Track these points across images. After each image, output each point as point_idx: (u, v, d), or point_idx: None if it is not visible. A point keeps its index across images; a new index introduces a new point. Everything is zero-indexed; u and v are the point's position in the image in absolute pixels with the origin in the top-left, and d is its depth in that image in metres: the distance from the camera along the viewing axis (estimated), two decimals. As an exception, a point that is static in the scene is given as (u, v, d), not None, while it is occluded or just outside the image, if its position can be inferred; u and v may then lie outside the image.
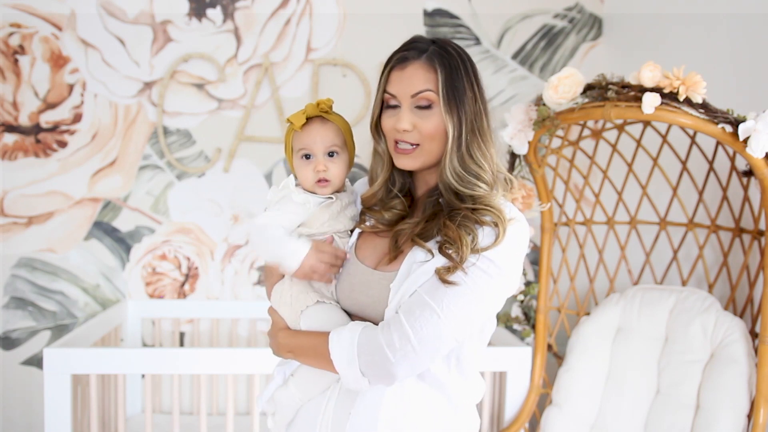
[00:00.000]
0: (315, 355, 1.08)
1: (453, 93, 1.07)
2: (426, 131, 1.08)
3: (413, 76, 1.08)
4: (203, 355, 1.84)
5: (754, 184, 1.73)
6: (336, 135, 1.17)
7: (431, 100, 1.08)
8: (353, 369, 1.02)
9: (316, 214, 1.17)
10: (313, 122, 1.17)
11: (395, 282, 1.07)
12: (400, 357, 1.00)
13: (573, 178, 2.41)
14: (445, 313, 1.00)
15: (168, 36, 2.44)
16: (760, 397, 1.59)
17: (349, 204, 1.22)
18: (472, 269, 1.02)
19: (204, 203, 2.51)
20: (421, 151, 1.10)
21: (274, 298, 1.20)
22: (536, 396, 2.02)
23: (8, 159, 2.41)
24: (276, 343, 1.16)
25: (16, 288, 2.44)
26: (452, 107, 1.07)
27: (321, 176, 1.15)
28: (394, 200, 1.19)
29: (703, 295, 1.82)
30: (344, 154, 1.19)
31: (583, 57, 2.58)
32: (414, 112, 1.09)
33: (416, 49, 1.10)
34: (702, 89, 1.55)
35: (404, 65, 1.10)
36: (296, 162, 1.18)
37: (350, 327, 1.05)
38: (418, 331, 1.00)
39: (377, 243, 1.17)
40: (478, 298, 1.03)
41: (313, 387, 1.14)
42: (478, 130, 1.09)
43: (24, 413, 2.46)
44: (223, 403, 2.53)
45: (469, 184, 1.08)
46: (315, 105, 1.17)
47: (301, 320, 1.13)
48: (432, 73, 1.07)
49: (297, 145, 1.18)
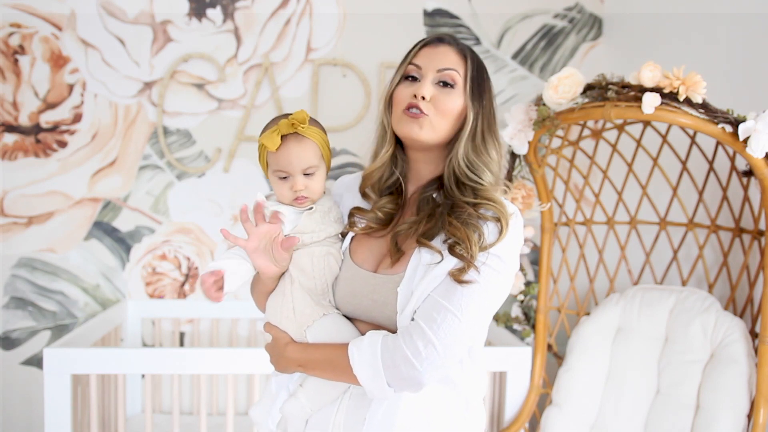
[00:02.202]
0: (332, 368, 1.07)
1: (478, 84, 1.13)
2: (442, 107, 1.10)
3: (445, 54, 1.12)
4: (203, 355, 1.83)
5: (754, 184, 1.73)
6: (313, 154, 1.12)
7: (455, 81, 1.11)
8: (379, 381, 1.01)
9: (302, 227, 1.13)
10: (288, 141, 1.10)
11: (403, 285, 1.06)
12: (427, 365, 1.00)
13: (573, 178, 2.41)
14: (464, 316, 1.01)
15: (168, 36, 2.44)
16: (760, 397, 1.59)
17: (330, 208, 1.19)
18: (483, 268, 1.03)
19: (204, 203, 2.51)
20: (429, 121, 1.10)
21: (272, 313, 1.16)
22: (536, 396, 2.02)
23: (8, 159, 2.41)
24: (284, 358, 1.13)
25: (16, 288, 2.44)
26: (475, 96, 1.12)
27: (299, 195, 1.13)
28: (384, 199, 1.18)
29: (703, 295, 1.82)
30: (322, 168, 1.15)
31: (583, 57, 2.58)
32: (435, 87, 1.11)
33: (451, 37, 1.16)
34: (702, 89, 1.55)
35: (438, 44, 1.14)
36: (272, 179, 1.14)
37: (369, 339, 1.04)
38: (442, 337, 1.00)
39: (372, 245, 1.15)
40: (491, 296, 1.05)
41: (325, 397, 1.12)
42: (493, 128, 1.14)
43: (24, 413, 2.46)
44: (223, 403, 2.53)
45: (477, 171, 1.11)
46: (288, 124, 1.09)
47: (308, 334, 1.10)
48: (462, 60, 1.13)
49: (273, 165, 1.12)
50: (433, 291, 1.03)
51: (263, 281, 1.17)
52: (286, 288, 1.14)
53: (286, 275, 1.15)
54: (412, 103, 1.10)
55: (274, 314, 1.15)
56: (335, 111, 2.49)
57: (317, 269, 1.13)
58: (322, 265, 1.14)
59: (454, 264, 1.03)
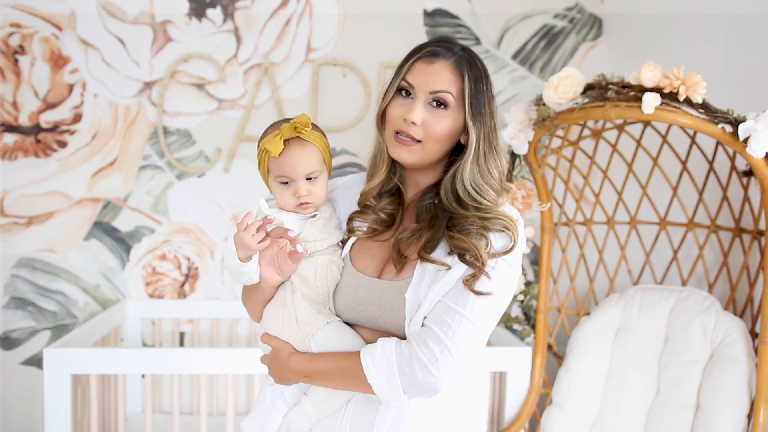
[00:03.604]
0: (342, 377, 1.05)
1: (477, 103, 1.07)
2: (433, 131, 1.06)
3: (439, 73, 1.06)
4: (203, 355, 1.83)
5: (754, 184, 1.73)
6: (316, 158, 1.10)
7: (449, 102, 1.06)
8: (395, 389, 1.01)
9: (305, 236, 1.12)
10: (290, 146, 1.08)
11: (410, 290, 1.05)
12: (443, 370, 1.00)
13: (573, 178, 2.41)
14: (477, 320, 1.01)
15: (168, 36, 2.44)
16: (760, 397, 1.60)
17: (331, 215, 1.18)
18: (493, 273, 1.03)
19: (204, 203, 2.51)
20: (422, 148, 1.08)
21: (272, 323, 1.13)
22: (536, 396, 2.02)
23: (8, 159, 2.41)
24: (287, 369, 1.10)
25: (16, 288, 2.44)
26: (476, 115, 1.06)
27: (302, 201, 1.11)
28: (385, 200, 1.17)
29: (703, 295, 1.82)
30: (324, 173, 1.14)
31: (583, 57, 2.58)
32: (427, 108, 1.07)
33: (447, 49, 1.08)
34: (702, 89, 1.55)
35: (432, 60, 1.07)
36: (273, 185, 1.12)
37: (382, 346, 1.03)
38: (457, 343, 1.00)
39: (374, 250, 1.14)
40: (502, 300, 1.06)
41: (332, 405, 1.11)
42: (493, 143, 1.09)
43: (24, 413, 2.46)
44: (223, 403, 2.53)
45: (482, 192, 1.08)
46: (291, 128, 1.08)
47: (312, 344, 1.08)
48: (458, 78, 1.06)
49: (275, 170, 1.11)
50: (444, 296, 1.03)
51: (262, 290, 1.14)
52: (287, 297, 1.12)
53: (287, 284, 1.13)
54: (402, 130, 1.07)
55: (275, 324, 1.12)
56: (335, 111, 2.49)
57: (320, 278, 1.11)
58: (325, 274, 1.12)
59: (464, 270, 1.03)
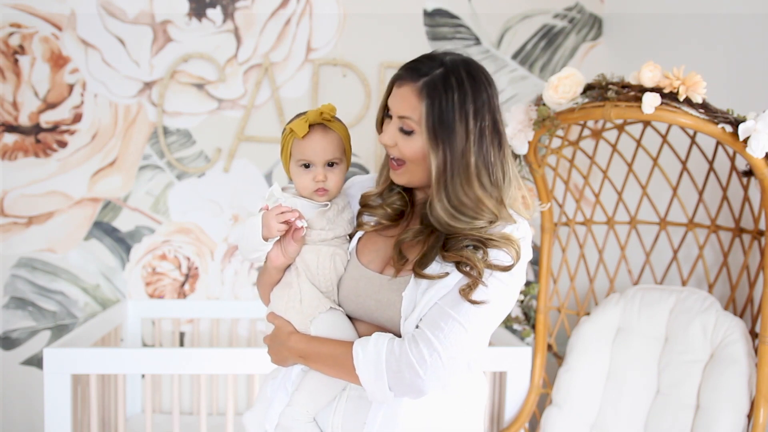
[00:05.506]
0: (334, 364, 1.07)
1: (439, 128, 1.00)
2: (407, 154, 1.08)
3: (403, 99, 1.05)
4: (203, 355, 1.83)
5: (754, 184, 1.73)
6: (337, 146, 1.16)
7: (413, 128, 1.05)
8: (380, 384, 1.02)
9: (313, 222, 1.15)
10: (314, 131, 1.14)
11: (408, 289, 1.06)
12: (431, 373, 1.00)
13: (573, 178, 2.41)
14: (471, 326, 1.01)
15: (168, 36, 2.44)
16: (760, 397, 1.59)
17: (344, 208, 1.21)
18: (490, 280, 1.03)
19: (204, 203, 2.51)
20: (407, 169, 1.10)
21: (277, 303, 1.17)
22: (536, 396, 2.02)
23: (8, 159, 2.41)
24: (285, 347, 1.12)
25: (16, 288, 2.44)
26: (437, 143, 1.01)
27: (320, 186, 1.14)
28: (393, 196, 1.18)
29: (703, 295, 1.82)
30: (343, 164, 1.18)
31: (583, 57, 2.58)
32: (398, 132, 1.08)
33: (417, 71, 1.04)
34: (702, 89, 1.55)
35: (401, 83, 1.06)
36: (294, 169, 1.17)
37: (375, 341, 1.04)
38: (447, 347, 1.00)
39: (379, 245, 1.16)
40: (498, 308, 1.05)
41: (322, 398, 1.13)
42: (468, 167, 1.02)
43: (24, 413, 2.46)
44: (223, 403, 2.53)
45: (463, 221, 1.04)
46: (318, 112, 1.14)
47: (311, 326, 1.11)
48: (420, 103, 1.02)
49: (297, 154, 1.15)
50: (440, 299, 1.03)
51: (269, 272, 1.18)
52: (293, 279, 1.15)
53: (293, 267, 1.17)
54: (388, 152, 1.12)
55: (280, 304, 1.16)
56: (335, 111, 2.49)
57: (321, 268, 1.14)
58: (327, 265, 1.15)
59: (460, 278, 1.03)
